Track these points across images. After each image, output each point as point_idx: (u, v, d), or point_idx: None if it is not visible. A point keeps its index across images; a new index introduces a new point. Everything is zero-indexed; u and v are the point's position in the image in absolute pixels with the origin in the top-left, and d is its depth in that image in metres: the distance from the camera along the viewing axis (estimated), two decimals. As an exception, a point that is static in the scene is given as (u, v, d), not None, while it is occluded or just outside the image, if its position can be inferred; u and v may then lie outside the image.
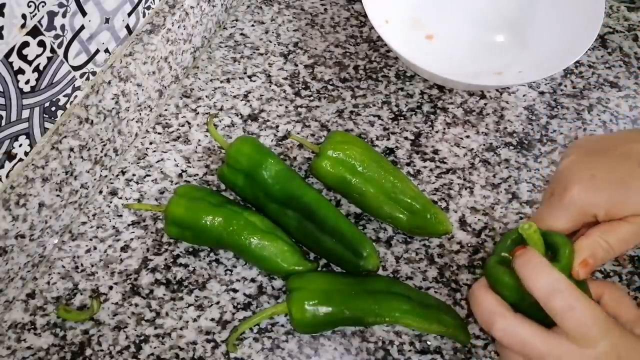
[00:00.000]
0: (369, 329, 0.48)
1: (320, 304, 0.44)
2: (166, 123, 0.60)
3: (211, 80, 0.64)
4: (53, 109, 0.49)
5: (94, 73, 0.52)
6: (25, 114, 0.46)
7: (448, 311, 0.47)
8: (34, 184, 0.47)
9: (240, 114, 0.61)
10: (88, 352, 0.47)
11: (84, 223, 0.53)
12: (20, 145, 0.47)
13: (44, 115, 0.48)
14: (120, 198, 0.55)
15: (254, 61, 0.65)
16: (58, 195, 0.50)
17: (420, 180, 0.56)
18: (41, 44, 0.45)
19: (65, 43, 0.47)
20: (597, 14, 0.57)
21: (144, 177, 0.56)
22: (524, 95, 0.63)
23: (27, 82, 0.45)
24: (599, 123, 0.61)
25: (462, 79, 0.56)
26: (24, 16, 0.42)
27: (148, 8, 0.57)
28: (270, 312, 0.46)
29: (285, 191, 0.49)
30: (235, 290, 0.50)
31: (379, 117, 0.61)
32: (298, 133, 0.60)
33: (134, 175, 0.57)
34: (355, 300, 0.45)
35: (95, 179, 0.54)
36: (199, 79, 0.64)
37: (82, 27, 0.49)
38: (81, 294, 0.50)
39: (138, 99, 0.56)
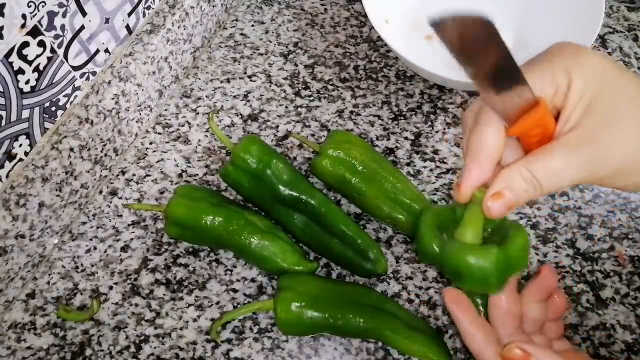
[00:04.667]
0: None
1: (307, 307, 0.44)
2: (166, 123, 0.60)
3: (211, 80, 0.64)
4: (53, 109, 0.49)
5: (94, 73, 0.52)
6: (25, 114, 0.46)
7: (434, 337, 0.45)
8: (34, 184, 0.47)
9: (240, 114, 0.61)
10: (88, 352, 0.47)
11: (84, 223, 0.53)
12: (20, 145, 0.47)
13: (44, 115, 0.48)
14: (120, 198, 0.55)
15: (254, 61, 0.65)
16: (58, 195, 0.50)
17: (420, 180, 0.56)
18: (41, 44, 0.45)
19: (65, 43, 0.47)
20: (597, 14, 0.57)
21: (144, 177, 0.56)
22: (524, 95, 0.63)
23: (27, 82, 0.45)
24: (599, 123, 0.61)
25: (462, 78, 0.56)
26: (24, 16, 0.42)
27: (148, 8, 0.57)
28: (257, 306, 0.46)
29: (293, 193, 0.49)
30: (235, 290, 0.50)
31: (379, 117, 0.61)
32: (298, 133, 0.60)
33: (134, 175, 0.57)
34: (342, 310, 0.44)
35: (95, 179, 0.54)
36: (199, 79, 0.64)
37: (82, 27, 0.49)
38: (81, 294, 0.50)
39: (138, 99, 0.56)
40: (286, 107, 0.61)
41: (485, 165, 0.31)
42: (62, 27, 0.46)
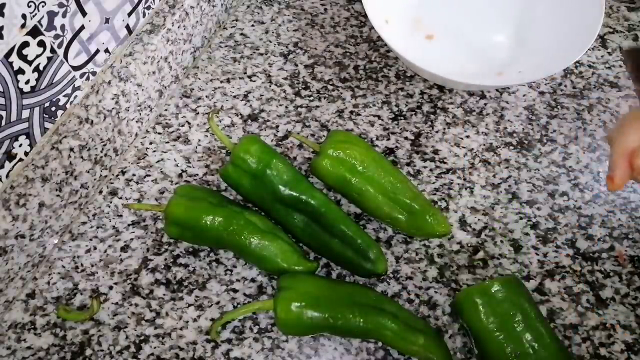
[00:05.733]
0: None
1: (307, 307, 0.44)
2: (166, 123, 0.60)
3: (211, 80, 0.64)
4: (53, 109, 0.49)
5: (94, 73, 0.52)
6: (25, 114, 0.46)
7: (434, 337, 0.45)
8: (34, 184, 0.47)
9: (240, 114, 0.61)
10: (88, 352, 0.47)
11: (84, 223, 0.53)
12: (20, 145, 0.47)
13: (44, 115, 0.48)
14: (120, 198, 0.55)
15: (254, 61, 0.65)
16: (58, 195, 0.50)
17: (420, 180, 0.56)
18: (41, 44, 0.45)
19: (65, 43, 0.47)
20: (597, 14, 0.57)
21: (144, 177, 0.56)
22: (524, 95, 0.63)
23: (27, 82, 0.45)
24: (599, 123, 0.61)
25: (462, 79, 0.56)
26: (24, 16, 0.42)
27: (148, 8, 0.57)
28: (257, 306, 0.46)
29: (293, 193, 0.49)
30: (235, 290, 0.50)
31: (379, 117, 0.61)
32: (298, 133, 0.60)
33: (134, 175, 0.57)
34: (342, 310, 0.44)
35: (95, 179, 0.54)
36: (199, 79, 0.64)
37: (82, 27, 0.49)
38: (81, 294, 0.50)
39: (138, 99, 0.56)
40: (286, 107, 0.62)
41: (628, 162, 0.40)
42: (62, 27, 0.46)
